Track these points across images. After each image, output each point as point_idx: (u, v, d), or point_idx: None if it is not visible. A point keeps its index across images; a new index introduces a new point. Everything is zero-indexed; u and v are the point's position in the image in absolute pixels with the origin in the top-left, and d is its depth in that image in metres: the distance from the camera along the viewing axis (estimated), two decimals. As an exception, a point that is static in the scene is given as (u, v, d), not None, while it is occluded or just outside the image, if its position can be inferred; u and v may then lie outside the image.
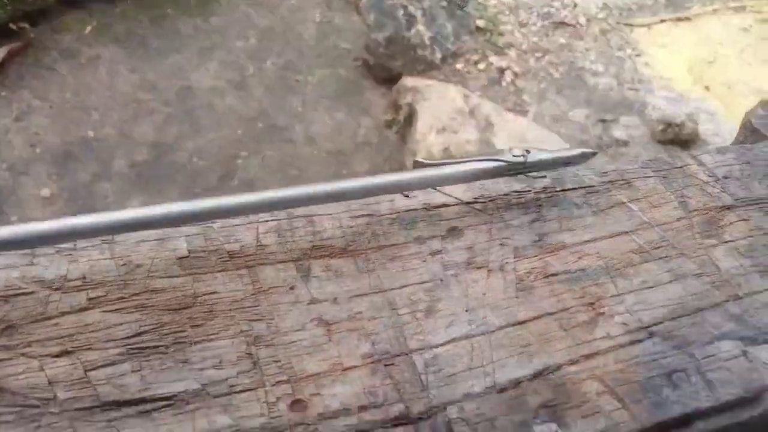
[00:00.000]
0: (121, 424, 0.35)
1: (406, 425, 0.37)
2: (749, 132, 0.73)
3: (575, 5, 4.19)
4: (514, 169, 0.48)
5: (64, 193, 2.85)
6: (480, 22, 3.88)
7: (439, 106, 3.23)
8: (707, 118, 3.36)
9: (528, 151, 0.48)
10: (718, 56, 3.90)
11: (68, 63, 3.30)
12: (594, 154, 0.51)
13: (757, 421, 0.42)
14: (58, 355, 0.37)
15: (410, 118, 3.27)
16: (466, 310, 0.43)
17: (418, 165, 0.47)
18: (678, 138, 3.24)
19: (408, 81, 3.43)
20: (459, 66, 3.67)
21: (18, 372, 0.36)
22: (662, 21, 4.16)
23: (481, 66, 3.71)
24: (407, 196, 0.49)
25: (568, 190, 0.52)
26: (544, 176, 0.53)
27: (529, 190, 0.52)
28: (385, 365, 0.39)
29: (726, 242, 0.51)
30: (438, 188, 0.50)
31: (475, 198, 0.50)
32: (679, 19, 4.17)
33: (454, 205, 0.49)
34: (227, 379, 0.37)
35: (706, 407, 0.39)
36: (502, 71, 3.68)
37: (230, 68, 3.48)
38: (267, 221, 0.46)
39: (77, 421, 0.35)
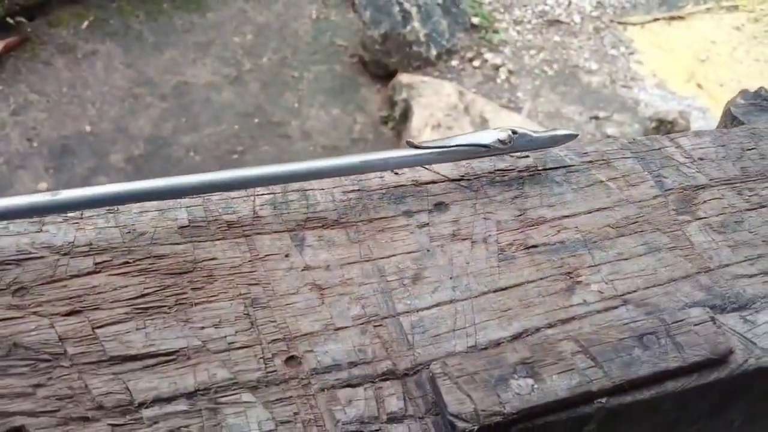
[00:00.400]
0: (127, 377, 0.37)
1: (393, 380, 0.39)
2: (729, 120, 0.76)
3: (569, 3, 4.23)
4: (500, 152, 0.51)
5: (60, 187, 2.87)
6: (475, 20, 3.91)
7: (434, 103, 3.26)
8: (699, 116, 3.40)
9: (515, 133, 0.50)
10: (711, 55, 3.94)
11: (65, 57, 3.32)
12: (575, 136, 0.53)
13: (723, 383, 0.44)
14: (67, 314, 0.39)
15: (405, 114, 3.30)
16: (451, 278, 0.45)
17: (410, 145, 0.49)
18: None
19: (403, 77, 3.46)
20: (454, 63, 3.70)
21: (30, 329, 0.38)
22: (656, 20, 4.19)
23: (476, 63, 3.74)
24: (396, 173, 0.52)
25: (550, 169, 0.55)
26: (527, 156, 0.55)
27: (513, 169, 0.54)
28: (374, 326, 0.42)
29: (699, 219, 0.54)
30: (426, 166, 0.53)
31: (461, 175, 0.53)
32: (672, 18, 4.21)
33: (441, 181, 0.52)
34: (226, 336, 0.39)
35: (674, 367, 0.42)
36: (496, 68, 3.71)
37: (226, 64, 3.50)
38: (263, 194, 0.48)
39: (86, 374, 0.37)
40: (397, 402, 0.38)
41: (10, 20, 3.24)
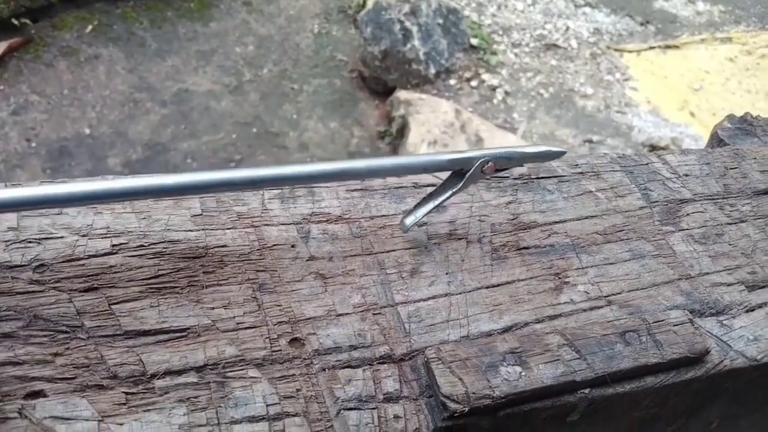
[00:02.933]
0: (141, 350, 0.40)
1: (389, 363, 0.42)
2: (716, 142, 0.80)
3: (567, 29, 4.30)
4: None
5: (57, 188, 2.88)
6: (474, 41, 3.97)
7: (431, 120, 3.30)
8: (691, 143, 3.45)
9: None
10: (704, 84, 4.01)
11: (67, 60, 3.35)
12: (562, 153, 0.54)
13: (700, 381, 0.47)
14: (85, 291, 0.42)
15: (402, 129, 3.34)
16: (446, 273, 0.48)
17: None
18: (662, 161, 3.32)
19: (402, 94, 3.51)
20: (452, 82, 3.75)
21: (50, 302, 0.41)
22: (651, 48, 4.27)
23: (474, 83, 3.79)
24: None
25: (542, 178, 0.58)
26: (521, 165, 0.59)
27: (507, 177, 0.57)
28: (374, 314, 0.44)
29: (682, 230, 0.57)
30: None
31: (459, 180, 0.56)
32: (667, 47, 4.29)
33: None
34: (234, 317, 0.42)
35: (654, 363, 0.44)
36: (493, 89, 3.77)
37: (227, 73, 3.54)
38: (272, 189, 0.51)
39: (102, 346, 0.39)
40: (393, 383, 0.41)
41: (14, 21, 3.27)
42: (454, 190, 0.49)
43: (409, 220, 0.49)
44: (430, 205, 0.49)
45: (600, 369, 0.43)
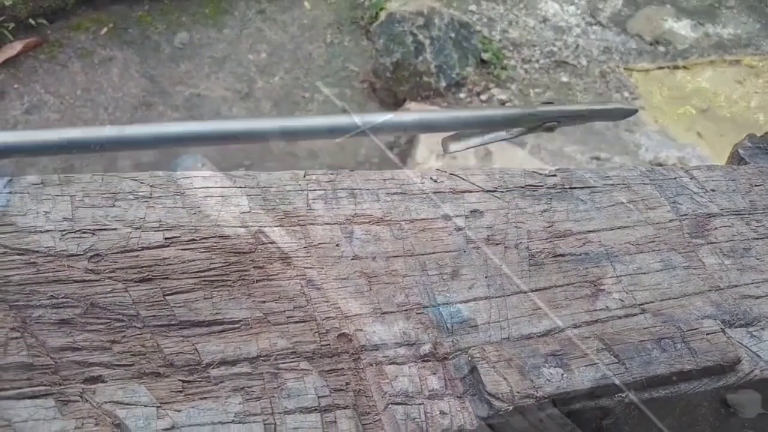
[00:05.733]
0: (195, 340, 0.41)
1: (434, 362, 0.43)
2: (736, 161, 0.81)
3: (577, 46, 4.33)
4: (539, 119, 0.53)
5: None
6: (485, 55, 4.00)
7: (440, 132, 3.32)
8: (697, 164, 3.47)
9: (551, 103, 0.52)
10: (712, 105, 4.04)
11: (82, 61, 3.38)
12: (635, 111, 0.54)
13: (730, 390, 0.48)
14: (139, 281, 0.43)
15: (412, 141, 3.36)
16: (486, 277, 0.49)
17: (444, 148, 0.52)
18: (669, 180, 3.33)
19: (412, 106, 3.53)
20: (462, 95, 3.77)
21: (106, 291, 0.42)
22: (660, 68, 4.30)
23: (483, 97, 3.81)
24: (435, 181, 0.56)
25: (576, 188, 0.59)
26: (555, 175, 0.60)
27: (542, 185, 0.59)
28: (417, 313, 0.45)
29: (711, 243, 0.58)
30: (462, 177, 0.57)
31: (495, 187, 0.57)
32: (676, 67, 4.32)
33: (476, 191, 0.56)
34: (285, 311, 0.43)
35: (688, 369, 0.45)
36: (503, 103, 3.79)
37: (239, 80, 3.57)
38: (315, 190, 0.52)
39: (157, 335, 0.41)
40: (438, 381, 0.42)
41: (31, 21, 3.31)
42: (503, 135, 0.50)
43: (453, 147, 0.50)
44: (477, 141, 0.50)
45: (637, 374, 0.44)
